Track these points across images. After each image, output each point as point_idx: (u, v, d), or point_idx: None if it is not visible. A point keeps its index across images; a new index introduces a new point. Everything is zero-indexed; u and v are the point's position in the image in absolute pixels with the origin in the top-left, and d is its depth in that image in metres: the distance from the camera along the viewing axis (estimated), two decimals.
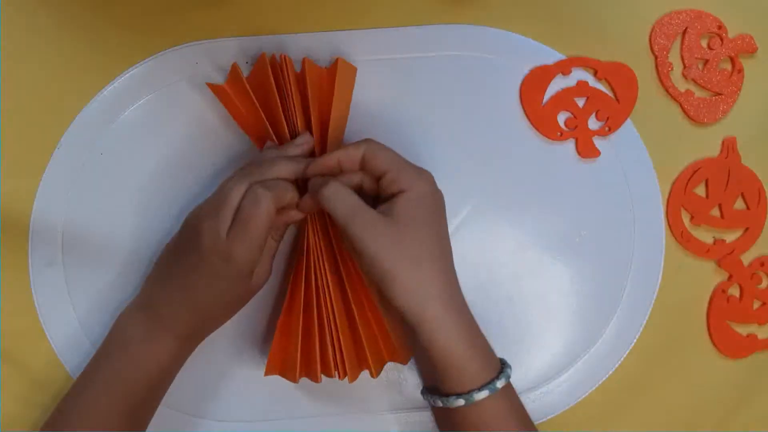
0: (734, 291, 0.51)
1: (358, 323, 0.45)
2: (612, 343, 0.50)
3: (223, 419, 0.50)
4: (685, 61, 0.51)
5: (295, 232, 0.50)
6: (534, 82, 0.51)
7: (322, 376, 0.45)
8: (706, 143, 0.51)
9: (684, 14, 0.51)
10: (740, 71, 0.51)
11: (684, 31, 0.51)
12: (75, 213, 0.50)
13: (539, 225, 0.51)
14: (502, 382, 0.41)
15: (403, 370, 0.50)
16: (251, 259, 0.42)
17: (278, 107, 0.45)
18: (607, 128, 0.51)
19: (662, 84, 0.51)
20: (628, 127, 0.51)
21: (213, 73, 0.50)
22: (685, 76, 0.51)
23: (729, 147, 0.51)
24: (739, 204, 0.51)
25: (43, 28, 0.50)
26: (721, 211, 0.51)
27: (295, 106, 0.45)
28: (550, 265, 0.51)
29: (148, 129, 0.50)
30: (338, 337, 0.45)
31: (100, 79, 0.50)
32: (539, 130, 0.51)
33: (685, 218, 0.51)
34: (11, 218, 0.49)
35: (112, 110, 0.50)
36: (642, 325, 0.51)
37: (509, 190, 0.51)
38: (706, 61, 0.51)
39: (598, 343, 0.50)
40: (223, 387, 0.50)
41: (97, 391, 0.43)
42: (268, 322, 0.50)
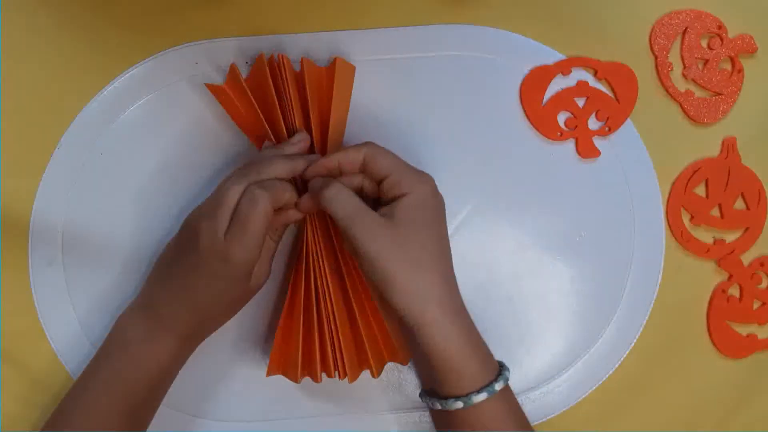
0: (734, 291, 0.51)
1: (359, 323, 0.45)
2: (612, 343, 0.50)
3: (224, 419, 0.50)
4: (685, 61, 0.51)
5: (295, 233, 0.50)
6: (534, 82, 0.51)
7: (322, 376, 0.45)
8: (706, 143, 0.51)
9: (684, 14, 0.51)
10: (740, 71, 0.51)
11: (684, 31, 0.51)
12: (75, 213, 0.50)
13: (539, 225, 0.51)
14: (501, 385, 0.41)
15: (403, 370, 0.50)
16: (249, 259, 0.42)
17: (276, 108, 0.45)
18: (607, 128, 0.51)
19: (662, 84, 0.51)
20: (628, 127, 0.51)
21: (213, 73, 0.50)
22: (685, 76, 0.51)
23: (729, 147, 0.51)
24: (739, 204, 0.51)
25: (43, 28, 0.50)
26: (721, 211, 0.51)
27: (294, 106, 0.45)
28: (550, 265, 0.51)
29: (148, 129, 0.50)
30: (339, 337, 0.45)
31: (100, 79, 0.50)
32: (539, 130, 0.51)
33: (685, 218, 0.51)
34: (11, 218, 0.49)
35: (112, 110, 0.50)
36: (642, 325, 0.51)
37: (509, 190, 0.51)
38: (706, 61, 0.51)
39: (598, 343, 0.50)
40: (223, 387, 0.50)
41: (98, 392, 0.43)
42: (268, 323, 0.50)
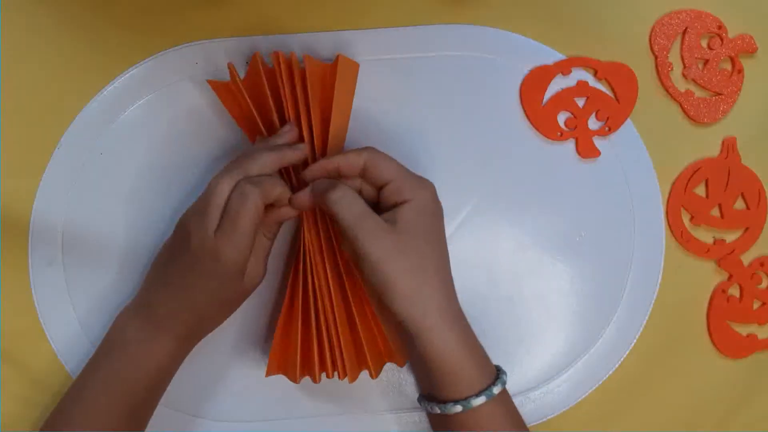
0: (734, 291, 0.51)
1: (357, 323, 0.45)
2: (612, 343, 0.50)
3: (224, 419, 0.50)
4: (685, 61, 0.51)
5: (293, 233, 0.50)
6: (534, 82, 0.51)
7: (322, 376, 0.45)
8: (706, 143, 0.51)
9: (684, 14, 0.51)
10: (740, 71, 0.51)
11: (684, 31, 0.51)
12: (75, 213, 0.50)
13: (539, 225, 0.51)
14: (499, 388, 0.42)
15: (403, 370, 0.50)
16: (240, 256, 0.41)
17: (271, 108, 0.45)
18: (607, 128, 0.51)
19: (662, 84, 0.51)
20: (628, 127, 0.51)
21: (213, 73, 0.50)
22: (685, 76, 0.51)
23: (729, 147, 0.51)
24: (739, 204, 0.51)
25: (43, 28, 0.50)
26: (721, 211, 0.51)
27: (291, 105, 0.45)
28: (550, 265, 0.51)
29: (148, 129, 0.50)
30: (338, 337, 0.45)
31: (100, 79, 0.50)
32: (539, 130, 0.51)
33: (685, 218, 0.51)
34: (11, 218, 0.49)
35: (112, 110, 0.50)
36: (642, 325, 0.51)
37: (509, 190, 0.51)
38: (706, 61, 0.51)
39: (598, 343, 0.50)
40: (223, 387, 0.50)
41: (97, 391, 0.43)
42: (268, 323, 0.50)
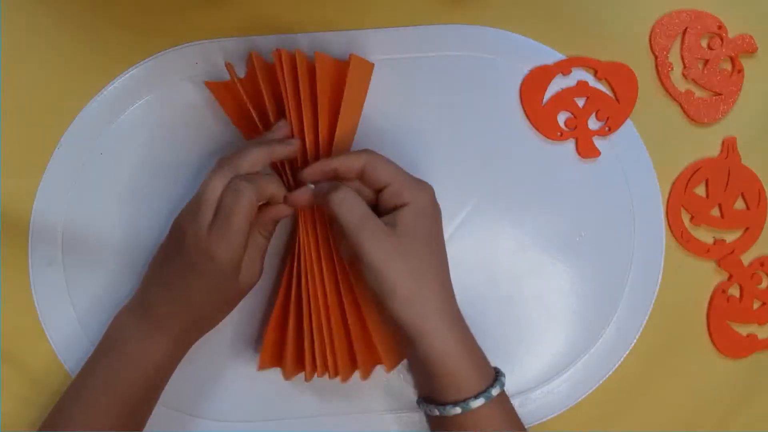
0: (734, 291, 0.51)
1: (349, 323, 0.45)
2: (612, 343, 0.50)
3: (223, 419, 0.50)
4: (685, 61, 0.51)
5: (291, 233, 0.50)
6: (534, 82, 0.51)
7: (314, 375, 0.45)
8: (706, 143, 0.51)
9: (684, 14, 0.51)
10: (740, 71, 0.51)
11: (684, 31, 0.51)
12: (75, 213, 0.50)
13: (539, 225, 0.51)
14: (497, 390, 0.42)
15: (403, 371, 0.50)
16: (234, 253, 0.41)
17: (268, 108, 0.45)
18: (607, 128, 0.51)
19: (662, 84, 0.51)
20: (628, 127, 0.51)
21: (213, 73, 0.50)
22: (685, 76, 0.51)
23: (729, 147, 0.51)
24: (739, 204, 0.51)
25: (43, 28, 0.50)
26: (721, 211, 0.51)
27: (291, 102, 0.44)
28: (550, 265, 0.51)
29: (148, 129, 0.50)
30: (331, 337, 0.45)
31: (100, 79, 0.50)
32: (539, 130, 0.51)
33: (685, 218, 0.51)
34: (11, 218, 0.49)
35: (112, 110, 0.50)
36: (642, 325, 0.51)
37: (509, 190, 0.51)
38: (706, 61, 0.51)
39: (598, 343, 0.50)
40: (223, 387, 0.50)
41: (96, 391, 0.43)
42: (267, 322, 0.50)
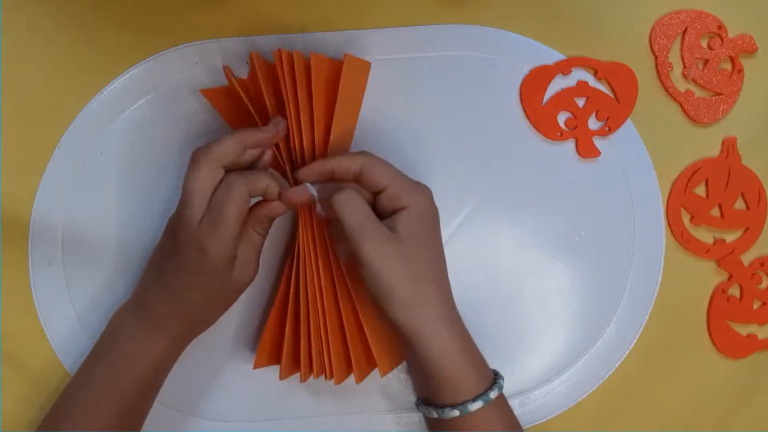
0: (734, 291, 0.51)
1: (346, 327, 0.45)
2: (612, 343, 0.50)
3: (223, 419, 0.50)
4: (685, 61, 0.51)
5: (290, 233, 0.50)
6: (534, 82, 0.51)
7: (309, 377, 0.45)
8: (706, 143, 0.51)
9: (684, 14, 0.51)
10: (740, 71, 0.51)
11: (684, 31, 0.51)
12: (75, 213, 0.50)
13: (539, 225, 0.51)
14: (495, 393, 0.42)
15: (404, 371, 0.50)
16: (225, 247, 0.41)
17: (270, 107, 0.45)
18: (607, 128, 0.51)
19: (662, 84, 0.51)
20: (628, 127, 0.51)
21: (213, 73, 0.50)
22: (685, 76, 0.51)
23: (729, 147, 0.51)
24: (739, 204, 0.51)
25: (43, 28, 0.50)
26: (721, 211, 0.51)
27: (290, 101, 0.44)
28: (550, 265, 0.51)
29: (148, 129, 0.50)
30: (327, 338, 0.45)
31: (100, 79, 0.50)
32: (539, 130, 0.51)
33: (685, 218, 0.51)
34: (11, 218, 0.49)
35: (112, 110, 0.50)
36: (642, 325, 0.51)
37: (509, 190, 0.51)
38: (706, 61, 0.51)
39: (598, 343, 0.50)
40: (222, 387, 0.50)
41: (95, 391, 0.43)
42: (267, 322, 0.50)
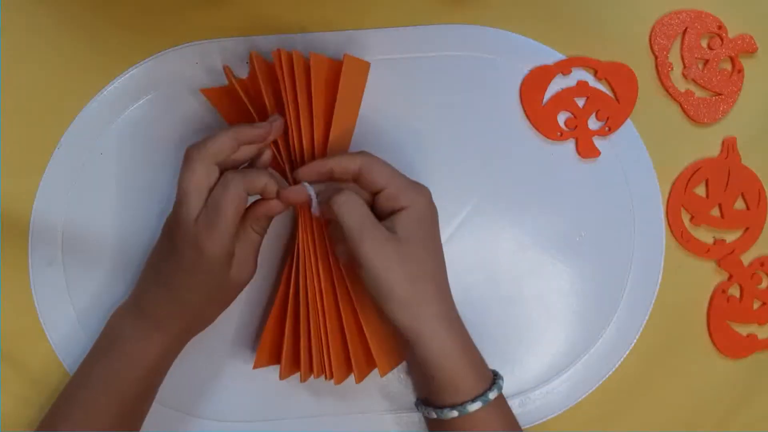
0: (734, 291, 0.51)
1: (345, 327, 0.45)
2: (612, 343, 0.50)
3: (223, 419, 0.50)
4: (685, 61, 0.51)
5: (290, 233, 0.50)
6: (534, 82, 0.51)
7: (308, 377, 0.45)
8: (706, 143, 0.51)
9: (684, 14, 0.51)
10: (740, 71, 0.51)
11: (684, 31, 0.51)
12: (75, 213, 0.50)
13: (539, 225, 0.51)
14: (495, 394, 0.42)
15: (403, 371, 0.50)
16: (222, 245, 0.41)
17: (270, 107, 0.45)
18: (607, 128, 0.51)
19: (662, 84, 0.51)
20: (628, 127, 0.51)
21: (213, 73, 0.50)
22: (685, 76, 0.51)
23: (729, 147, 0.51)
24: (739, 204, 0.51)
25: (43, 28, 0.50)
26: (721, 211, 0.51)
27: (290, 101, 0.44)
28: (550, 265, 0.51)
29: (148, 129, 0.50)
30: (326, 338, 0.45)
31: (100, 79, 0.50)
32: (539, 130, 0.51)
33: (685, 218, 0.51)
34: (11, 218, 0.49)
35: (112, 110, 0.50)
36: (642, 325, 0.51)
37: (509, 190, 0.51)
38: (706, 61, 0.51)
39: (598, 343, 0.50)
40: (222, 387, 0.50)
41: (95, 391, 0.43)
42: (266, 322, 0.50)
